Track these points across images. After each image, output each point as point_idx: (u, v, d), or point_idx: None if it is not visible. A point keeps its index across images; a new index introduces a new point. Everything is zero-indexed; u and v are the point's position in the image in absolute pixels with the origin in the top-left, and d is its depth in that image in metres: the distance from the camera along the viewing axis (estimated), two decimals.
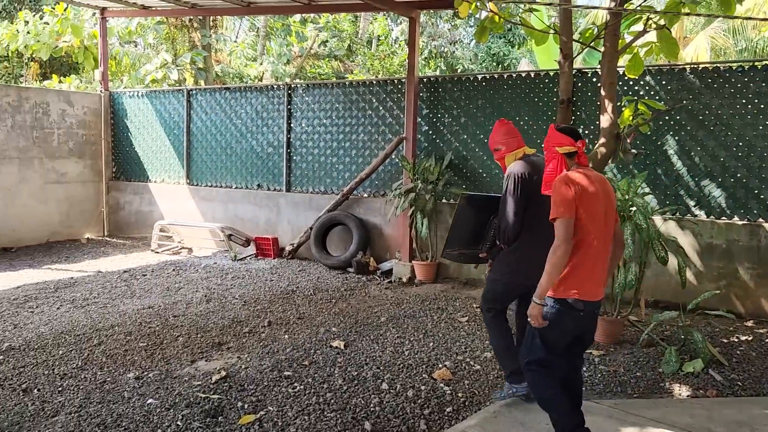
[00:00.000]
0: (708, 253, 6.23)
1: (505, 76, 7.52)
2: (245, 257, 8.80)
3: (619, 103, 5.59)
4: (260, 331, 5.46)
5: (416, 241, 7.71)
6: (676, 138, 6.45)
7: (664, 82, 6.50)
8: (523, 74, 7.41)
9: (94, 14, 11.81)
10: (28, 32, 12.21)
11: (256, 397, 4.03)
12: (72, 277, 7.48)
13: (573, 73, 6.12)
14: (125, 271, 7.83)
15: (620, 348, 5.06)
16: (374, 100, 8.37)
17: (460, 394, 4.14)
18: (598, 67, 7.14)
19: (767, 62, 6.08)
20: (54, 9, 12.26)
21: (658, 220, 6.21)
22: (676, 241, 5.31)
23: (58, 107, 9.94)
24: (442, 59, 19.45)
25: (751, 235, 6.06)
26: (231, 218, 9.46)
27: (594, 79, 6.87)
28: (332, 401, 3.98)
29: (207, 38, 14.24)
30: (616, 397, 4.16)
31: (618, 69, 5.60)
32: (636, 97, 5.86)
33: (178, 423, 3.65)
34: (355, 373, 4.46)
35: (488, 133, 7.45)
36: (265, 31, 19.28)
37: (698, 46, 14.19)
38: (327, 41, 19.47)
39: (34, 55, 13.04)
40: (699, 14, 5.22)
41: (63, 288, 6.93)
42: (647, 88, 6.59)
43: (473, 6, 5.35)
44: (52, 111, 9.85)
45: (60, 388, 4.16)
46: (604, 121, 5.22)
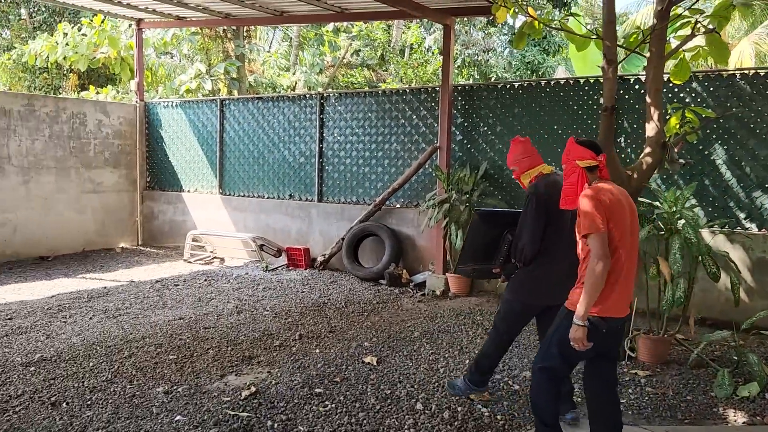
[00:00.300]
0: (760, 269, 5.91)
1: (542, 83, 7.32)
2: (277, 268, 8.73)
3: (663, 111, 5.34)
4: (291, 345, 5.34)
5: (450, 252, 7.52)
6: (725, 147, 6.16)
7: (711, 89, 6.22)
8: (561, 81, 7.19)
9: (130, 25, 11.98)
10: (66, 44, 12.45)
11: (286, 416, 3.90)
12: (105, 287, 7.49)
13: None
14: (158, 281, 7.81)
15: (667, 368, 4.80)
16: (407, 109, 8.23)
17: (498, 417, 3.94)
18: (641, 73, 6.89)
19: None
20: (92, 21, 12.48)
21: (705, 233, 5.92)
22: (726, 256, 5.04)
23: (94, 117, 10.05)
24: (476, 68, 19.26)
25: None
26: (263, 228, 9.42)
27: (636, 86, 6.62)
28: (365, 422, 3.83)
29: (241, 48, 14.32)
30: (666, 423, 3.92)
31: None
32: (682, 105, 5.60)
33: None
34: (389, 391, 4.30)
35: None
36: (298, 41, 19.37)
37: (742, 52, 13.72)
38: (360, 50, 19.46)
39: (72, 67, 13.29)
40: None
41: (96, 298, 6.93)
42: (693, 95, 6.31)
43: (511, 11, 5.18)
44: (89, 121, 9.97)
45: (89, 402, 4.09)
46: (650, 129, 4.97)
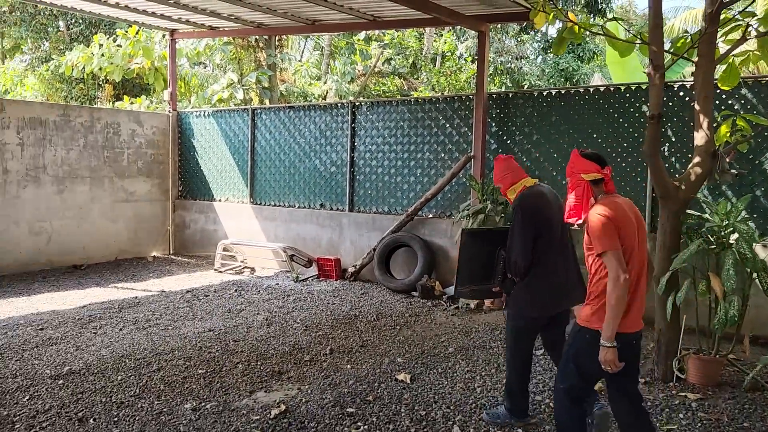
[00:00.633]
0: None
1: (581, 90, 7.08)
2: (307, 278, 8.62)
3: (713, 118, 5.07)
4: (322, 360, 5.20)
5: None
6: None
7: (762, 95, 5.92)
8: (601, 89, 6.94)
9: (164, 36, 12.08)
10: (102, 55, 12.61)
11: None
12: (136, 297, 7.47)
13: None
14: (188, 291, 7.76)
15: (720, 391, 4.52)
16: (440, 118, 8.07)
17: None
18: (686, 80, 6.62)
19: None
20: (127, 32, 12.62)
21: (758, 248, 5.60)
22: None
23: (128, 127, 10.11)
24: (508, 75, 19.01)
25: None
26: (293, 238, 9.32)
27: (681, 93, 6.35)
28: None
29: (272, 58, 14.34)
30: None
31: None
32: (732, 112, 5.32)
33: None
34: (423, 412, 4.11)
35: (563, 151, 7.06)
36: (329, 50, 19.37)
37: None
38: (391, 59, 19.38)
39: (108, 77, 13.46)
40: None
41: (127, 308, 6.90)
42: (743, 101, 6.02)
43: (551, 17, 5.00)
44: (123, 131, 10.03)
45: (116, 419, 4.00)
46: (699, 138, 4.72)
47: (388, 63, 19.62)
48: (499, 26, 18.27)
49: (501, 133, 7.60)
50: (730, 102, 6.05)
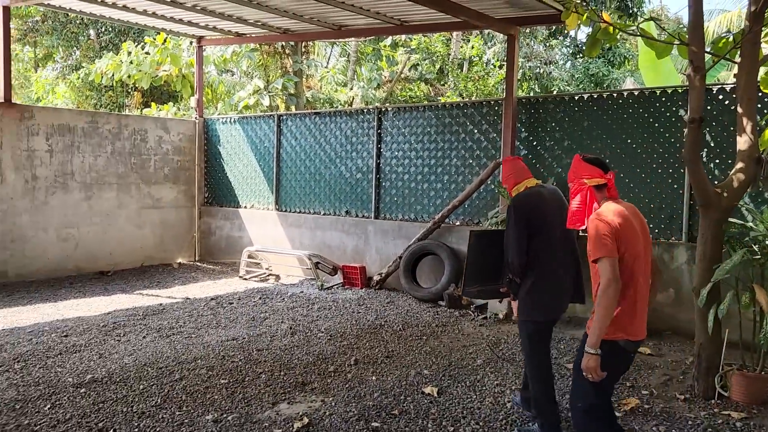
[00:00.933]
0: None
1: (614, 95, 6.86)
2: (332, 286, 8.51)
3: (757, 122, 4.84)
4: (346, 371, 5.07)
5: None
6: None
7: None
8: (635, 93, 6.72)
9: (191, 43, 12.15)
10: (130, 62, 12.73)
11: None
12: (161, 304, 7.43)
13: None
14: (212, 299, 7.71)
15: (765, 410, 4.27)
16: (468, 123, 7.91)
17: None
18: (726, 82, 6.37)
19: None
20: (155, 39, 12.73)
21: None
22: None
23: (155, 134, 10.15)
24: (536, 81, 18.75)
25: None
26: (318, 245, 9.23)
27: (720, 96, 6.10)
28: None
29: (298, 64, 14.35)
30: None
31: None
32: None
33: None
34: (451, 428, 3.95)
35: None
36: (355, 57, 19.34)
37: None
38: (418, 64, 19.26)
39: (136, 84, 13.58)
40: None
41: (151, 315, 6.86)
42: None
43: (584, 17, 4.82)
44: (150, 138, 10.07)
45: (136, 429, 3.91)
46: (742, 142, 4.49)
47: (414, 69, 19.50)
48: (527, 30, 18.03)
49: (531, 138, 7.41)
50: None
